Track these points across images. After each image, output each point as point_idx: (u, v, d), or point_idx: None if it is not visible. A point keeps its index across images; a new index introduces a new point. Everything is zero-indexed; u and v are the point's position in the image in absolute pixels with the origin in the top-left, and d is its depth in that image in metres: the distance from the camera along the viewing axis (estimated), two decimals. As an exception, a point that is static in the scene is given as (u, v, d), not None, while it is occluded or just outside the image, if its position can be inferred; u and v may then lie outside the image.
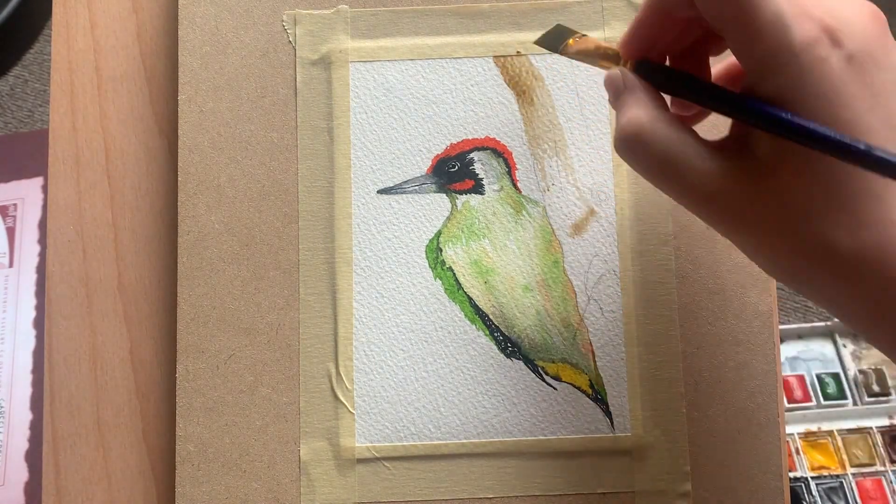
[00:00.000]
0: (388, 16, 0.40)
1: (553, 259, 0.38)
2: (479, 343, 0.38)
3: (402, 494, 0.37)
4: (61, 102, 0.41)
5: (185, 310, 0.38)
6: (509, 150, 0.39)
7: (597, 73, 0.39)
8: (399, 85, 0.40)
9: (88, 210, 0.40)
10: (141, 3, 0.42)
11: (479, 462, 0.37)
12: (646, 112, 0.29)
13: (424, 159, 0.39)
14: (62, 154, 0.41)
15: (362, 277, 0.38)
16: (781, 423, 0.37)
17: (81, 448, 0.39)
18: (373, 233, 0.39)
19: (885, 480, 0.55)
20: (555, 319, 0.38)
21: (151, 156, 0.41)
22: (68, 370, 0.39)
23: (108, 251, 0.40)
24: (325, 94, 0.39)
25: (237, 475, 0.37)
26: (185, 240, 0.38)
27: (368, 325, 0.38)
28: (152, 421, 0.39)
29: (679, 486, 0.37)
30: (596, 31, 0.40)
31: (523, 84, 0.40)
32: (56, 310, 0.40)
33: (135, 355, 0.39)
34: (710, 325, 0.38)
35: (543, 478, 0.37)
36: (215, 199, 0.39)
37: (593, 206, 0.38)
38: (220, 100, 0.39)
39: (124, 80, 0.41)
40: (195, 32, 0.40)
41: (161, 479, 0.38)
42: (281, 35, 0.40)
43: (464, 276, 0.38)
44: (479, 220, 0.39)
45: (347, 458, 0.37)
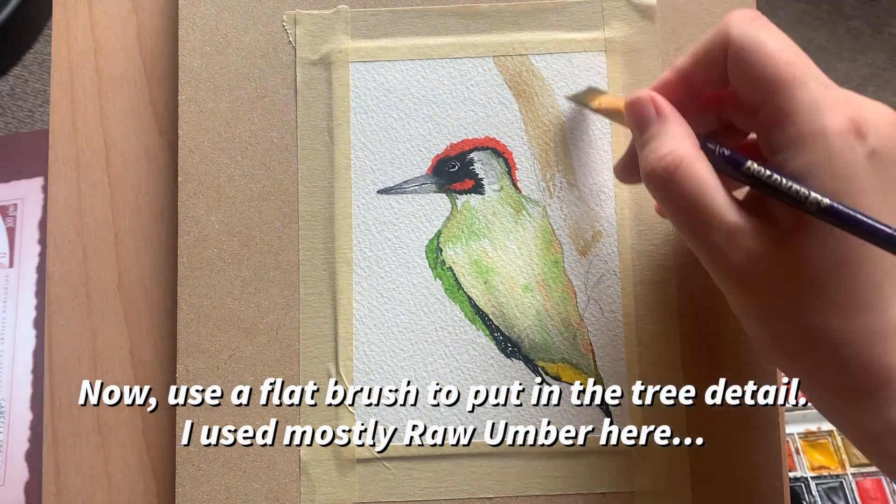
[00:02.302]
0: (388, 16, 0.40)
1: (553, 259, 0.38)
2: (479, 343, 0.38)
3: (402, 494, 0.37)
4: (61, 102, 0.41)
5: (185, 310, 0.38)
6: (509, 150, 0.39)
7: (597, 74, 0.39)
8: (399, 85, 0.40)
9: (88, 210, 0.40)
10: (141, 3, 0.42)
11: (479, 462, 0.37)
12: (684, 146, 0.30)
13: (424, 159, 0.39)
14: (62, 154, 0.41)
15: (362, 277, 0.38)
16: (781, 423, 0.37)
17: (81, 448, 0.39)
18: (373, 233, 0.39)
19: (885, 480, 0.55)
20: (555, 319, 0.38)
21: (151, 156, 0.41)
22: (68, 370, 0.39)
23: (108, 251, 0.40)
24: (325, 94, 0.39)
25: (237, 475, 0.37)
26: (185, 240, 0.38)
27: (368, 325, 0.38)
28: (152, 421, 0.39)
29: (679, 486, 0.37)
30: (596, 32, 0.40)
31: (523, 84, 0.40)
32: (56, 310, 0.40)
33: (135, 355, 0.39)
34: (709, 325, 0.38)
35: (543, 478, 0.37)
36: (215, 199, 0.39)
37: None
38: (220, 100, 0.39)
39: (124, 80, 0.41)
40: (195, 32, 0.40)
41: (161, 479, 0.38)
42: (281, 35, 0.40)
43: (464, 276, 0.38)
44: (479, 220, 0.39)
45: (347, 458, 0.37)
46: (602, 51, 0.40)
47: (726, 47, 0.30)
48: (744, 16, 0.30)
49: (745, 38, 0.29)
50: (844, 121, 0.28)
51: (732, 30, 0.30)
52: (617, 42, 0.40)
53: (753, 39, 0.29)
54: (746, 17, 0.30)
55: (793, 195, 0.28)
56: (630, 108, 0.32)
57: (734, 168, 0.30)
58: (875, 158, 0.28)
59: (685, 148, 0.30)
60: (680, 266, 0.38)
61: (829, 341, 0.28)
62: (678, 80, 0.32)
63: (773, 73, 0.29)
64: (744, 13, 0.30)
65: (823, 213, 0.27)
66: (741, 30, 0.30)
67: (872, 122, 0.28)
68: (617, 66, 0.39)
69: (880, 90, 0.97)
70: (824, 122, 0.28)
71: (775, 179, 0.28)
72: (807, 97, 0.28)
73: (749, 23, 0.30)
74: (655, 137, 0.31)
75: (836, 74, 0.97)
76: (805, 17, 1.00)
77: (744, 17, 0.30)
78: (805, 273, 0.28)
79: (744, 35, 0.30)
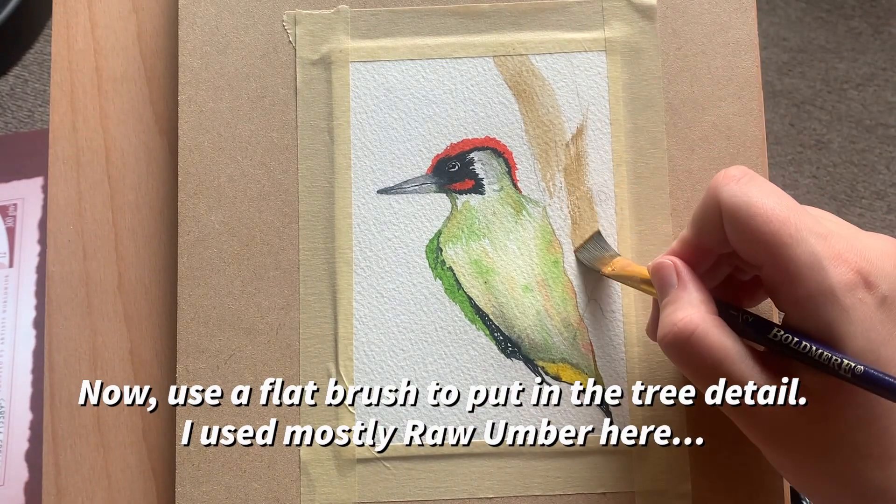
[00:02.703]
0: (388, 16, 0.40)
1: (553, 259, 0.38)
2: (479, 343, 0.38)
3: (402, 494, 0.37)
4: (61, 102, 0.41)
5: (185, 310, 0.38)
6: (509, 150, 0.39)
7: (597, 74, 0.39)
8: (399, 85, 0.40)
9: (88, 210, 0.40)
10: (141, 3, 0.42)
11: (479, 462, 0.37)
12: (699, 314, 0.30)
13: (424, 159, 0.39)
14: (62, 154, 0.41)
15: (362, 277, 0.38)
16: (781, 423, 0.37)
17: (81, 448, 0.39)
18: (373, 233, 0.39)
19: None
20: (555, 319, 0.38)
21: (151, 156, 0.41)
22: (68, 370, 0.39)
23: (108, 251, 0.40)
24: (325, 94, 0.39)
25: (237, 475, 0.37)
26: (185, 240, 0.38)
27: (368, 325, 0.38)
28: (152, 421, 0.39)
29: (679, 486, 0.37)
30: (596, 32, 0.40)
31: (523, 84, 0.40)
32: (56, 310, 0.40)
33: (135, 355, 0.39)
34: (710, 325, 0.38)
35: (543, 478, 0.37)
36: (215, 199, 0.39)
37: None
38: (220, 100, 0.39)
39: (124, 80, 0.41)
40: (195, 32, 0.40)
41: (161, 479, 0.38)
42: (281, 35, 0.40)
43: (464, 276, 0.38)
44: (480, 220, 0.39)
45: (347, 458, 0.37)
46: (602, 51, 0.40)
47: (720, 211, 0.30)
48: (730, 176, 0.30)
49: (736, 201, 0.29)
50: (850, 273, 0.27)
51: (721, 194, 0.30)
52: (617, 42, 0.40)
53: (744, 201, 0.29)
54: (733, 178, 0.30)
55: (824, 362, 0.27)
56: (653, 274, 0.33)
57: (760, 334, 0.30)
58: (887, 305, 0.28)
59: (699, 315, 0.30)
60: (680, 266, 0.38)
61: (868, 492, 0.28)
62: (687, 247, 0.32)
63: (768, 234, 0.28)
64: (730, 173, 0.30)
65: (858, 379, 0.27)
66: (729, 193, 0.30)
67: (878, 266, 0.28)
68: (617, 66, 0.39)
69: (880, 90, 0.97)
70: (829, 281, 0.27)
71: (804, 346, 0.28)
72: (806, 255, 0.28)
73: (736, 183, 0.30)
74: (671, 303, 0.31)
75: (836, 74, 0.97)
76: (805, 16, 1.00)
77: (730, 177, 0.30)
78: (836, 430, 0.28)
79: (733, 198, 0.29)
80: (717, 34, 0.40)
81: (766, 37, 0.98)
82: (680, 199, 0.39)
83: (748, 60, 0.40)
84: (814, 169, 0.93)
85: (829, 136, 0.94)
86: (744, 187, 0.30)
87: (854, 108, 0.95)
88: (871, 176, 0.93)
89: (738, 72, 0.39)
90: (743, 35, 0.40)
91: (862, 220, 0.89)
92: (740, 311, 0.31)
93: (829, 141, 0.94)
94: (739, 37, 0.40)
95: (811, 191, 0.91)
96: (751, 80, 0.39)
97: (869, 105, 0.96)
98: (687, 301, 0.31)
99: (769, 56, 0.97)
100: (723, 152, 0.39)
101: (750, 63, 0.40)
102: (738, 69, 0.39)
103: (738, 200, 0.29)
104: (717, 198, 0.30)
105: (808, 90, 0.96)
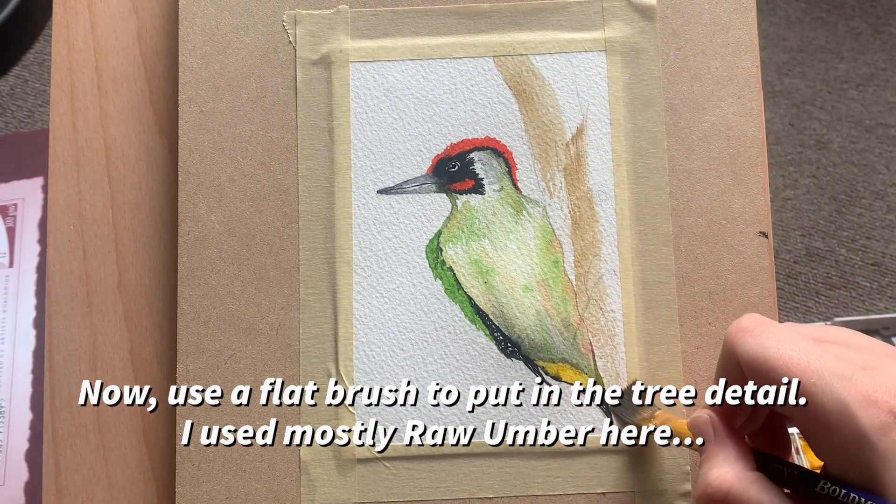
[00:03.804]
0: (388, 16, 0.40)
1: (553, 259, 0.38)
2: (479, 343, 0.38)
3: (402, 494, 0.37)
4: (61, 102, 0.41)
5: (185, 310, 0.38)
6: (509, 150, 0.39)
7: (597, 74, 0.40)
8: (399, 85, 0.40)
9: (88, 210, 0.40)
10: (141, 3, 0.42)
11: (479, 462, 0.37)
12: (733, 472, 0.30)
13: (424, 159, 0.39)
14: (62, 154, 0.41)
15: (362, 277, 0.38)
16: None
17: (81, 448, 0.39)
18: (373, 233, 0.39)
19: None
20: (555, 319, 0.38)
21: (151, 156, 0.41)
22: (68, 370, 0.39)
23: (108, 251, 0.40)
24: (325, 94, 0.39)
25: (237, 475, 0.37)
26: (185, 240, 0.39)
27: (368, 325, 0.38)
28: (152, 421, 0.39)
29: (679, 486, 0.37)
30: (596, 32, 0.40)
31: (523, 84, 0.40)
32: (56, 310, 0.40)
33: (135, 355, 0.39)
34: (709, 325, 0.38)
35: (543, 478, 0.37)
36: (215, 199, 0.39)
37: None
38: (220, 100, 0.39)
39: (124, 80, 0.41)
40: (195, 32, 0.40)
41: (161, 479, 0.38)
42: (281, 35, 0.40)
43: (464, 276, 0.38)
44: (480, 220, 0.39)
45: (347, 458, 0.37)
46: (602, 51, 0.40)
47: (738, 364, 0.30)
48: (744, 328, 0.30)
49: (753, 353, 0.29)
50: (882, 415, 0.27)
51: (737, 349, 0.30)
52: (617, 42, 0.40)
53: (761, 354, 0.29)
54: (747, 329, 0.30)
55: None
56: (691, 429, 0.32)
57: (806, 487, 0.29)
58: None
59: (733, 473, 0.29)
60: (680, 266, 0.38)
61: None
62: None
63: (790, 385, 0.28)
64: (743, 325, 0.30)
65: None
66: (744, 347, 0.29)
67: None
68: (617, 66, 0.39)
69: (880, 90, 0.97)
70: (862, 427, 0.27)
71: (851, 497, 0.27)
72: (833, 403, 0.27)
73: (751, 335, 0.29)
74: (707, 460, 0.31)
75: (836, 74, 0.97)
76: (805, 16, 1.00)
77: (744, 329, 0.30)
78: None
79: (750, 351, 0.29)
80: (717, 34, 0.40)
81: (766, 37, 0.98)
82: (680, 199, 0.39)
83: (748, 60, 0.40)
84: (814, 169, 0.93)
85: (828, 136, 0.94)
86: (759, 338, 0.29)
87: (854, 108, 0.95)
88: (871, 176, 0.93)
89: (737, 72, 0.39)
90: (743, 35, 0.40)
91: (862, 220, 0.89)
92: (785, 465, 0.30)
93: (829, 141, 0.94)
94: (739, 37, 0.40)
95: (811, 191, 0.91)
96: (751, 80, 0.39)
97: (869, 105, 0.96)
98: (723, 458, 0.30)
99: (769, 56, 0.97)
100: (723, 152, 0.39)
101: (750, 63, 0.40)
102: (738, 69, 0.39)
103: (756, 353, 0.29)
104: (733, 353, 0.30)
105: (808, 90, 0.96)
